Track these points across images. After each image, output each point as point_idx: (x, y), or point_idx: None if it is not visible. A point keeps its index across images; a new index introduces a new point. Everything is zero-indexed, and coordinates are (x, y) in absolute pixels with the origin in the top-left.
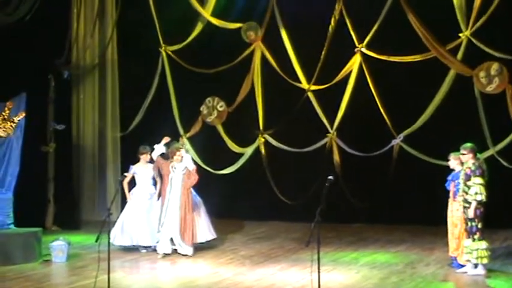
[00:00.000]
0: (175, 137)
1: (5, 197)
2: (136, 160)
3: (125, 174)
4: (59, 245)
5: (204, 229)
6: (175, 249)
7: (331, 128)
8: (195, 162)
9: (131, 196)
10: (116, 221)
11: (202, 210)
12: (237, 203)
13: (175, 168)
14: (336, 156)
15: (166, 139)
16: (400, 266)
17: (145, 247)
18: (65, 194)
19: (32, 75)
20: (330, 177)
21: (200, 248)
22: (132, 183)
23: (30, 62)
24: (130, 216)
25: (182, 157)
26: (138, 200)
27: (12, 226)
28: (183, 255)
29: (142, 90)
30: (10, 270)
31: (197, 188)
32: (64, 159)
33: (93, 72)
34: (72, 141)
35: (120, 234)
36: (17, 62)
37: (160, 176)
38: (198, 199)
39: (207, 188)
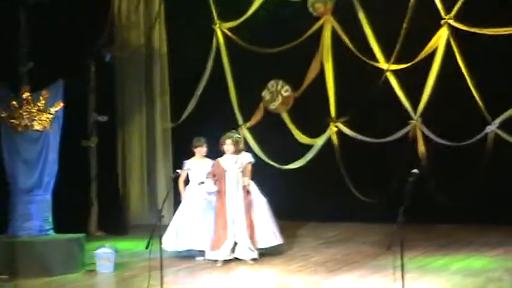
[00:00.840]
0: (234, 127)
1: (43, 200)
2: (190, 154)
3: (178, 171)
4: (104, 253)
5: (269, 233)
6: (236, 257)
7: (415, 114)
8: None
9: (185, 195)
10: (168, 225)
11: (267, 211)
12: (306, 202)
13: (235, 163)
14: (421, 146)
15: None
16: (498, 273)
17: (201, 252)
18: (109, 194)
19: (70, 59)
20: (415, 170)
21: (264, 255)
22: (187, 181)
23: (67, 45)
24: (185, 218)
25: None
26: (194, 199)
27: (51, 232)
28: (252, 259)
29: (195, 74)
30: (50, 283)
31: (260, 186)
32: (108, 155)
33: (138, 54)
34: (116, 134)
35: (174, 238)
36: (53, 44)
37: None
38: (263, 199)
39: (271, 185)
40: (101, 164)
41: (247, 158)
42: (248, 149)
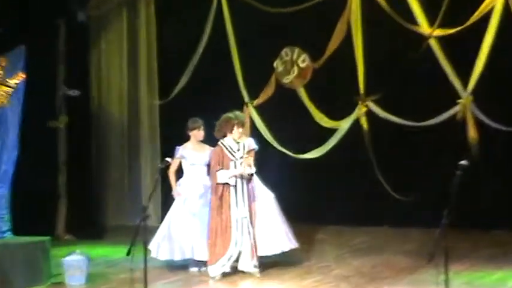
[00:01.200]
0: (238, 106)
1: None
2: (183, 139)
3: (168, 159)
4: (74, 261)
5: (280, 236)
6: (235, 267)
7: (464, 91)
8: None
9: (179, 190)
10: (158, 227)
11: (276, 209)
12: (325, 201)
13: (237, 151)
14: (471, 132)
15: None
16: None
17: (198, 263)
18: (82, 187)
19: (34, 18)
20: (463, 162)
21: (274, 265)
22: (180, 172)
23: (31, 1)
24: (178, 219)
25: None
26: (189, 195)
27: (9, 234)
28: (255, 269)
29: (190, 41)
30: None
31: (267, 179)
32: (80, 139)
33: (120, 14)
34: (91, 113)
35: (167, 244)
36: (13, 1)
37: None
38: (270, 194)
39: (282, 179)
40: (71, 149)
41: (251, 143)
42: (255, 133)
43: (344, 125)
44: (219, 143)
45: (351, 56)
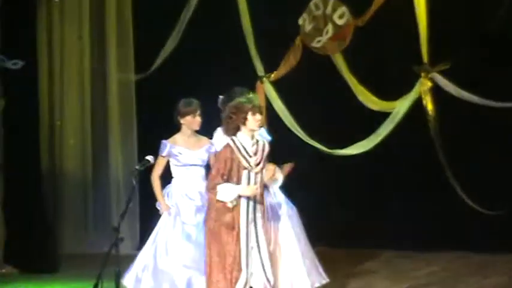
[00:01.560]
0: (247, 82)
1: None
2: (171, 129)
3: (148, 158)
4: None
5: (307, 267)
6: None
7: None
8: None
9: (167, 202)
10: (136, 254)
11: (299, 228)
12: (375, 216)
13: (254, 154)
14: None
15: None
16: None
17: None
18: (26, 202)
19: None
20: None
21: None
22: (166, 176)
23: None
24: (168, 242)
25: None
26: (182, 209)
27: None
28: None
29: None
30: None
31: (287, 186)
32: (24, 132)
33: None
34: (38, 93)
35: (151, 278)
36: None
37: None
38: (290, 208)
39: (311, 185)
40: (10, 146)
41: (264, 136)
42: (272, 119)
43: (400, 106)
44: (230, 140)
45: (409, 10)
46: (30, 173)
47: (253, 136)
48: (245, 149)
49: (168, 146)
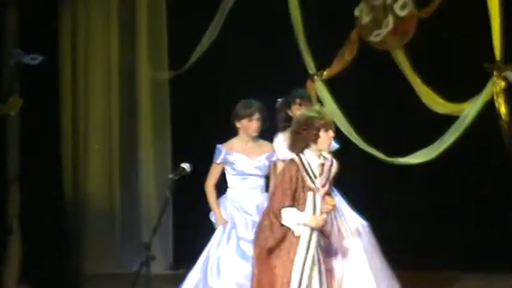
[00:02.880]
0: (297, 81)
1: None
2: (212, 134)
3: (184, 166)
4: None
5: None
6: None
7: None
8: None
9: (223, 214)
10: (169, 274)
11: (371, 246)
12: (440, 233)
13: (319, 175)
14: None
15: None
16: None
17: None
18: (45, 216)
19: None
20: None
21: None
22: (222, 187)
23: None
24: (220, 256)
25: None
26: (238, 223)
27: None
28: None
29: None
30: None
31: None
32: (43, 136)
33: None
34: (60, 91)
35: None
36: None
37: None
38: (361, 223)
39: (370, 197)
40: (28, 152)
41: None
42: None
43: (470, 109)
44: (296, 156)
45: (478, 1)
46: (49, 184)
47: (320, 155)
48: (311, 167)
49: (224, 152)
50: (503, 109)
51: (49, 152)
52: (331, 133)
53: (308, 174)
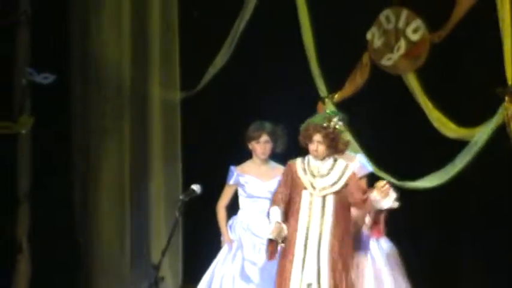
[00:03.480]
0: (307, 103)
1: None
2: (224, 156)
3: (195, 187)
4: None
5: None
6: None
7: None
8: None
9: (230, 234)
10: None
11: (397, 271)
12: (450, 262)
13: (316, 177)
14: None
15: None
16: None
17: None
18: (55, 235)
19: None
20: None
21: None
22: (233, 208)
23: None
24: (223, 275)
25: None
26: (245, 243)
27: None
28: None
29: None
30: None
31: None
32: (53, 154)
33: None
34: (71, 110)
35: None
36: None
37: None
38: (392, 248)
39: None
40: (38, 170)
41: (362, 163)
42: None
43: (481, 134)
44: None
45: (492, 25)
46: (59, 203)
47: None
48: (309, 167)
49: (235, 174)
50: None
51: (59, 171)
52: (314, 145)
53: (304, 174)
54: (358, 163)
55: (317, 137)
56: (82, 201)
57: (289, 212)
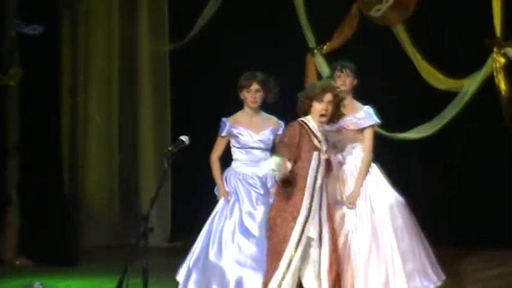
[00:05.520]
0: (297, 55)
1: None
2: (212, 106)
3: (183, 138)
4: None
5: (411, 271)
6: None
7: None
8: None
9: (226, 186)
10: (166, 247)
11: (404, 223)
12: (440, 210)
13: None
14: None
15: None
16: None
17: None
18: (44, 187)
19: None
20: None
21: None
22: (226, 160)
23: None
24: (222, 230)
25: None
26: (242, 195)
27: None
28: None
29: None
30: None
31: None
32: (43, 107)
33: None
34: (59, 62)
35: (201, 268)
36: None
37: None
38: (399, 200)
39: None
40: (28, 123)
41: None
42: None
43: (469, 85)
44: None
45: None
46: (48, 155)
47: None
48: (314, 131)
49: (228, 125)
50: (502, 86)
51: (48, 122)
52: (323, 105)
53: (315, 136)
54: (364, 113)
55: (328, 97)
56: (71, 153)
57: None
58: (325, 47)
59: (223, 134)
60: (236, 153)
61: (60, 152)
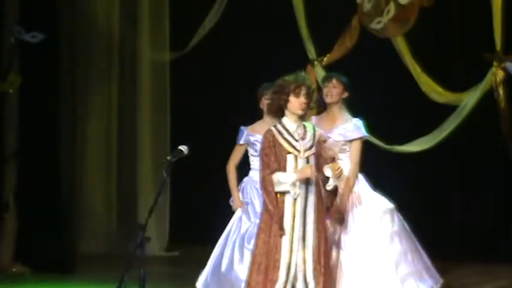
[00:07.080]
0: (298, 65)
1: None
2: (212, 117)
3: (182, 148)
4: None
5: (405, 275)
6: None
7: None
8: None
9: (241, 197)
10: (162, 256)
11: (402, 231)
12: (437, 221)
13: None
14: None
15: None
16: None
17: None
18: (42, 194)
19: None
20: None
21: None
22: (243, 169)
23: None
24: (236, 241)
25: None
26: (257, 207)
27: None
28: None
29: None
30: None
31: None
32: (42, 114)
33: None
34: (59, 69)
35: (216, 280)
36: None
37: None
38: (388, 206)
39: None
40: (26, 129)
41: (357, 126)
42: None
43: (468, 99)
44: (272, 126)
45: None
46: (47, 161)
47: (297, 120)
48: (288, 132)
49: (245, 133)
50: (502, 100)
51: (47, 129)
52: (302, 99)
53: (285, 138)
54: (352, 125)
55: (303, 90)
56: (69, 160)
57: None
58: (325, 58)
59: (241, 142)
60: (254, 162)
61: (58, 159)
